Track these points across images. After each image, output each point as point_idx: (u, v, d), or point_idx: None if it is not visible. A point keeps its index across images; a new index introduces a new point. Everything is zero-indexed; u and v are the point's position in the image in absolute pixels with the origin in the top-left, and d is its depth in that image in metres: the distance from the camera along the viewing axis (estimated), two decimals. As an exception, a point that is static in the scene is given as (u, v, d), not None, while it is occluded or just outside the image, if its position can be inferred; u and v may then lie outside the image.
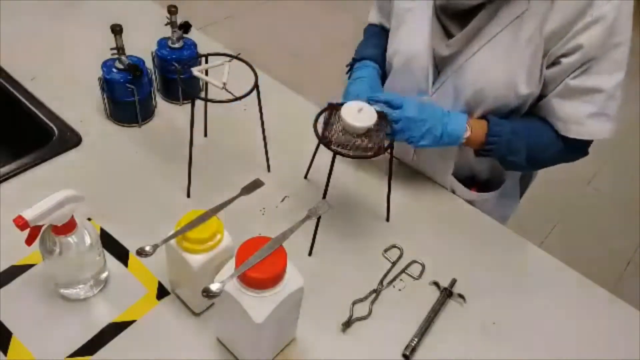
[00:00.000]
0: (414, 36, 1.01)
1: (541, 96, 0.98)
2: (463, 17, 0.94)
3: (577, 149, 1.00)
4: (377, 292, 0.89)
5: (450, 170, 1.10)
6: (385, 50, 1.10)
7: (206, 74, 0.94)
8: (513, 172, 1.14)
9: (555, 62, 0.92)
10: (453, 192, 1.11)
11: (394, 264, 0.94)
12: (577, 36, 0.88)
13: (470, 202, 1.09)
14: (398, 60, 1.05)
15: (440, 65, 1.01)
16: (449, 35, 0.98)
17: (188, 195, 1.00)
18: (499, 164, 1.03)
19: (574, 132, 0.96)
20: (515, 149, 0.97)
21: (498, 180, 1.14)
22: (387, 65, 1.10)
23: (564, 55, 0.90)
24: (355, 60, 1.12)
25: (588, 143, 1.00)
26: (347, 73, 1.12)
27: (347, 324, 0.84)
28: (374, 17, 1.19)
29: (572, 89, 0.93)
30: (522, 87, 0.94)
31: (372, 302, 0.88)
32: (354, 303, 0.87)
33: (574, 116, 0.94)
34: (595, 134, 0.95)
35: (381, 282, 0.91)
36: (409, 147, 1.11)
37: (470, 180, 1.13)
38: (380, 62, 1.11)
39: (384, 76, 1.13)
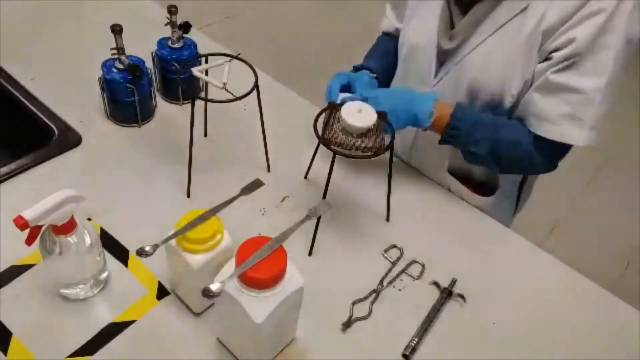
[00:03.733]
0: (421, 27, 1.02)
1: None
2: (468, 7, 0.94)
3: (546, 156, 0.96)
4: (377, 292, 0.89)
5: (446, 166, 1.11)
6: (393, 60, 1.11)
7: (206, 74, 0.94)
8: (512, 177, 1.12)
9: (547, 58, 0.90)
10: (449, 190, 1.10)
11: (394, 264, 0.94)
12: (571, 30, 0.86)
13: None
14: (405, 51, 1.06)
15: (443, 57, 1.00)
16: (453, 26, 0.98)
17: (188, 195, 1.00)
18: (463, 156, 0.99)
19: (544, 130, 0.92)
20: (478, 138, 0.93)
21: (493, 185, 1.12)
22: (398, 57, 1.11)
23: (556, 50, 0.88)
24: (355, 69, 1.10)
25: (559, 151, 0.95)
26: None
27: (347, 324, 0.84)
28: (386, 24, 1.18)
29: (550, 84, 0.90)
30: (515, 85, 0.93)
31: (372, 302, 0.88)
32: (354, 303, 0.87)
33: (548, 113, 0.91)
34: (566, 136, 0.91)
35: (381, 282, 0.91)
36: (406, 143, 1.14)
37: (467, 181, 1.12)
38: (382, 74, 1.09)
39: (388, 82, 1.12)
